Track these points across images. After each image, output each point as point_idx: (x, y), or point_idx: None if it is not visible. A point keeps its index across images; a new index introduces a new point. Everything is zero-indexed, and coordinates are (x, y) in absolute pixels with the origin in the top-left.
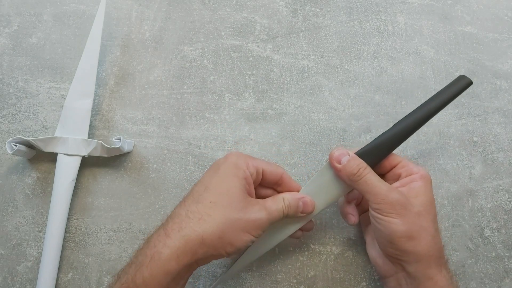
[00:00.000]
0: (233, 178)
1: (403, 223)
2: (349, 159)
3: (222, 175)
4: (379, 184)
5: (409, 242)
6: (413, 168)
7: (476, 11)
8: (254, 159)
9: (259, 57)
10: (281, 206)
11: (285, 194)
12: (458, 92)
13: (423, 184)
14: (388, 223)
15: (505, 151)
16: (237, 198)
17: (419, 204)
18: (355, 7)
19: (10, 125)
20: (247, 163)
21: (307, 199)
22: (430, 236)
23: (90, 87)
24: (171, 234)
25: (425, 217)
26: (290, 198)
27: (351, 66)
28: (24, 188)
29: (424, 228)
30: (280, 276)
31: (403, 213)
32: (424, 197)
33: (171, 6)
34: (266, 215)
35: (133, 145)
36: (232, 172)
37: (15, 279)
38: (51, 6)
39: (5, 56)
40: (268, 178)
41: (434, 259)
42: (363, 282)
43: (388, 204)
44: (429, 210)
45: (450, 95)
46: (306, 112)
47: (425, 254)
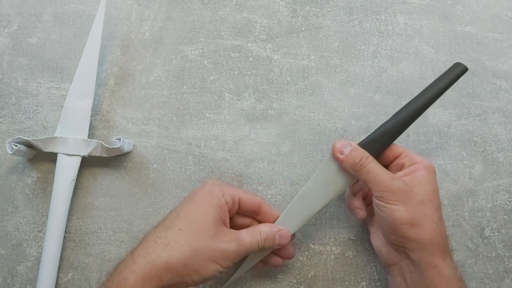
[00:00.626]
0: (206, 205)
1: (406, 210)
2: (351, 150)
3: (196, 203)
4: (382, 172)
5: (412, 229)
6: (416, 158)
7: (476, 11)
8: (231, 188)
9: (259, 57)
10: (256, 239)
11: (262, 226)
12: (454, 79)
13: (426, 174)
14: (391, 210)
15: (505, 151)
16: (208, 226)
17: (422, 193)
18: (355, 7)
19: (10, 125)
20: (223, 191)
21: (284, 232)
22: (434, 223)
23: (90, 87)
24: (137, 259)
25: (428, 205)
26: (267, 231)
27: (351, 66)
28: (24, 188)
29: (427, 215)
30: (280, 276)
31: (406, 201)
32: (427, 186)
33: (171, 6)
34: (237, 246)
35: (133, 145)
36: (206, 199)
37: (15, 279)
38: (51, 6)
39: (5, 56)
40: (245, 207)
41: (438, 247)
42: (363, 282)
43: (391, 192)
44: (433, 198)
45: (447, 82)
46: (306, 112)
47: (428, 241)
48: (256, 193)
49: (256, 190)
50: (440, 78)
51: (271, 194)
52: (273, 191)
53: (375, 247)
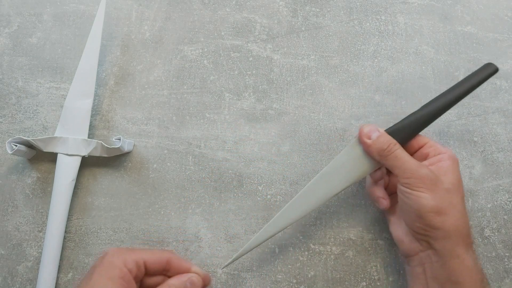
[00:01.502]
0: (107, 282)
1: (433, 197)
2: (379, 135)
3: (94, 282)
4: (409, 159)
5: (438, 217)
6: (441, 148)
7: (476, 11)
8: (134, 252)
9: (259, 57)
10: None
11: (171, 280)
12: (485, 78)
13: (451, 164)
14: (418, 197)
15: (505, 151)
16: None
17: (449, 182)
18: (355, 7)
19: (10, 125)
20: (124, 259)
21: (193, 278)
22: (459, 213)
23: (90, 87)
24: None
25: (454, 194)
26: (176, 284)
27: (351, 66)
28: (24, 188)
29: (453, 204)
30: (280, 276)
31: (433, 188)
32: (453, 176)
33: (171, 6)
34: None
35: (133, 145)
36: (106, 274)
37: (15, 279)
38: (51, 6)
39: (5, 56)
40: (152, 268)
41: (462, 237)
42: (363, 282)
43: (418, 179)
44: (458, 188)
45: (477, 80)
46: (306, 112)
47: (453, 230)
48: (256, 193)
49: (256, 190)
50: (471, 76)
51: (271, 194)
52: (273, 191)
53: (395, 237)
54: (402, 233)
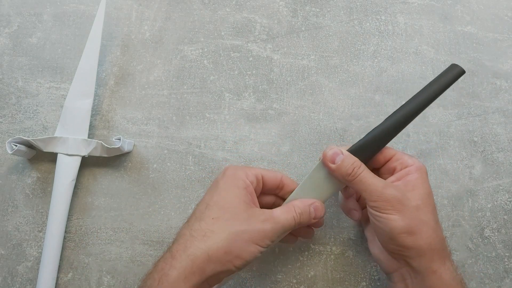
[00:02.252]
0: (233, 189)
1: (402, 218)
2: (343, 159)
3: (222, 189)
4: (374, 181)
5: (410, 237)
6: (408, 160)
7: (476, 11)
8: (252, 168)
9: (259, 57)
10: (292, 216)
11: (295, 202)
12: (450, 82)
13: (419, 176)
14: (387, 220)
15: (505, 151)
16: (240, 210)
17: (417, 198)
18: (355, 7)
19: (10, 125)
20: (245, 172)
21: (318, 204)
22: (431, 229)
23: (90, 87)
24: (177, 255)
25: (423, 211)
26: (301, 206)
27: (351, 66)
28: (24, 188)
29: (423, 221)
30: (280, 276)
31: (401, 209)
32: (421, 190)
33: (171, 6)
34: (273, 224)
35: (133, 145)
36: (232, 183)
37: (15, 279)
38: (51, 6)
39: (5, 56)
40: (268, 184)
41: (437, 252)
42: (363, 282)
43: (385, 201)
44: (428, 202)
45: (442, 86)
46: (306, 112)
47: (427, 248)
48: None
49: None
50: (435, 80)
51: None
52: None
53: (373, 255)
54: (379, 251)
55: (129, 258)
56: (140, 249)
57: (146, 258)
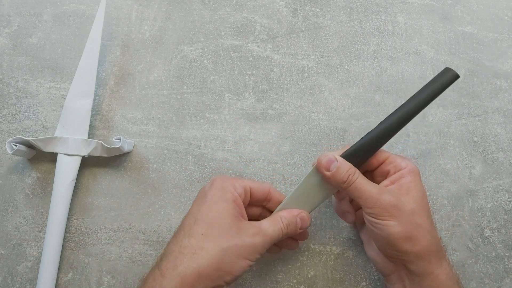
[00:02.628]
0: (221, 203)
1: (399, 223)
2: (338, 166)
3: (210, 203)
4: (369, 188)
5: (407, 242)
6: (401, 163)
7: (476, 11)
8: (240, 179)
9: (259, 57)
10: (279, 227)
11: (282, 213)
12: (443, 87)
13: (412, 179)
14: (384, 226)
15: (505, 151)
16: (229, 225)
17: (412, 201)
18: (355, 7)
19: (10, 125)
20: (233, 184)
21: (304, 214)
22: (427, 232)
23: (90, 87)
24: (167, 273)
25: (419, 214)
26: (288, 217)
27: (351, 66)
28: (24, 188)
29: (420, 225)
30: (280, 276)
31: (397, 214)
32: (415, 193)
33: (171, 6)
34: (262, 237)
35: (133, 145)
36: (220, 197)
37: (15, 279)
38: (51, 6)
39: (5, 56)
40: (256, 196)
41: (433, 254)
42: (363, 282)
43: (381, 208)
44: (422, 204)
45: (435, 91)
46: (306, 112)
47: (424, 251)
48: None
49: None
50: (428, 85)
51: None
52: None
53: (370, 257)
54: (376, 255)
55: (129, 258)
56: (140, 249)
57: (146, 258)
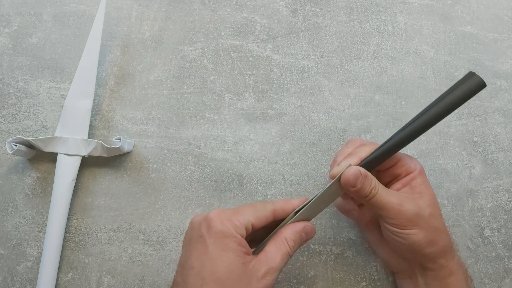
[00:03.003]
0: (226, 253)
1: (421, 231)
2: (363, 182)
3: (214, 255)
4: (391, 199)
5: (429, 246)
6: (410, 165)
7: (476, 11)
8: (240, 213)
9: (259, 57)
10: (286, 251)
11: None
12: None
13: (422, 180)
14: (408, 235)
15: (505, 151)
16: (239, 277)
17: (427, 204)
18: (355, 7)
19: (10, 125)
20: (234, 225)
21: (308, 228)
22: (444, 233)
23: (90, 87)
24: None
25: (435, 217)
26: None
27: (351, 66)
28: (24, 188)
29: (438, 228)
30: (280, 276)
31: (419, 222)
32: (428, 195)
33: (171, 6)
34: (274, 274)
35: (133, 145)
36: (223, 245)
37: (15, 279)
38: (51, 6)
39: (5, 56)
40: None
41: (449, 250)
42: (363, 282)
43: (404, 218)
44: (436, 206)
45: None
46: (306, 112)
47: (443, 251)
48: (256, 193)
49: (256, 190)
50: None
51: (271, 194)
52: (273, 191)
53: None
54: (388, 256)
55: (129, 258)
56: (140, 249)
57: (146, 258)
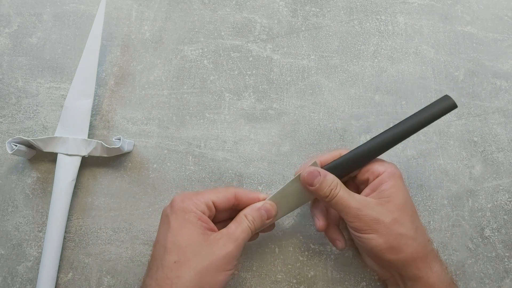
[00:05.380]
0: (186, 225)
1: (379, 236)
2: (321, 181)
3: (175, 227)
4: (350, 202)
5: (390, 252)
6: (378, 168)
7: (476, 11)
8: (200, 194)
9: (259, 57)
10: (246, 225)
11: (245, 210)
12: (439, 115)
13: (393, 184)
14: (366, 239)
15: (505, 151)
16: (198, 245)
17: (393, 209)
18: (355, 7)
19: (10, 125)
20: (194, 203)
21: (267, 205)
22: (410, 239)
23: (90, 87)
24: None
25: (400, 222)
26: (251, 213)
27: (351, 66)
28: (24, 188)
29: (402, 235)
30: (280, 276)
31: (377, 227)
32: (397, 199)
33: (171, 6)
34: (233, 243)
35: (133, 145)
36: (183, 219)
37: (15, 279)
38: (51, 6)
39: (5, 56)
40: (222, 206)
41: (420, 259)
42: (363, 282)
43: (362, 222)
44: (405, 210)
45: (431, 116)
46: (306, 112)
47: (410, 258)
48: None
49: (256, 190)
50: (425, 109)
51: None
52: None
53: (368, 264)
54: (371, 262)
55: (129, 258)
56: (140, 249)
57: (146, 258)
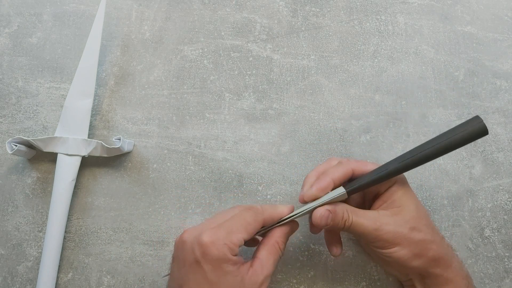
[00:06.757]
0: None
1: (403, 248)
2: (332, 218)
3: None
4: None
5: (415, 259)
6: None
7: (476, 11)
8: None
9: (259, 57)
10: (278, 255)
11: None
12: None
13: (403, 191)
14: (390, 253)
15: (505, 151)
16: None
17: (409, 217)
18: (355, 7)
19: (10, 125)
20: (229, 248)
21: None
22: (430, 243)
23: (90, 87)
24: None
25: (418, 229)
26: (283, 239)
27: (351, 66)
28: (24, 188)
29: (422, 240)
30: (280, 276)
31: (398, 240)
32: (409, 206)
33: (171, 6)
34: (268, 278)
35: (133, 145)
36: (222, 271)
37: (15, 279)
38: (51, 6)
39: (5, 56)
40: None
41: (441, 259)
42: (363, 282)
43: (382, 240)
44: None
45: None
46: (306, 112)
47: (432, 260)
48: (256, 193)
49: (256, 190)
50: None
51: (271, 194)
52: (273, 191)
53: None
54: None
55: (129, 258)
56: (140, 249)
57: (146, 258)
